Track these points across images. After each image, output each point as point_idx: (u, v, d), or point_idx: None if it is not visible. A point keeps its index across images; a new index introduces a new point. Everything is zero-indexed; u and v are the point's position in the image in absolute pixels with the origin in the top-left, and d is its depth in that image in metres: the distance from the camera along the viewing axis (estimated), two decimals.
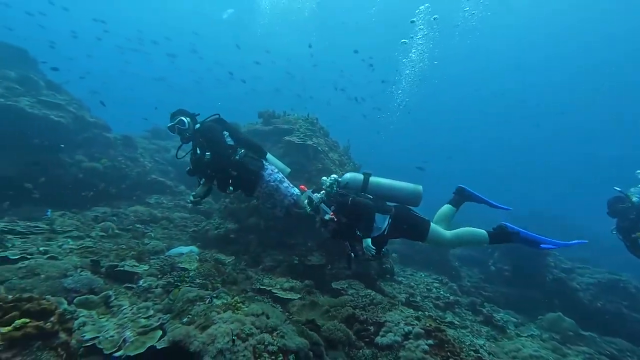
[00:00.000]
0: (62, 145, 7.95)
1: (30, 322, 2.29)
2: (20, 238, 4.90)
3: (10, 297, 2.52)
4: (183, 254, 5.11)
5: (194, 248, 5.30)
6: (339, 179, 3.89)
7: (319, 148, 6.70)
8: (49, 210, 6.44)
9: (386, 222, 3.60)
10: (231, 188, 4.23)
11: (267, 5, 28.44)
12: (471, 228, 3.67)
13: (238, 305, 3.11)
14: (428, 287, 7.89)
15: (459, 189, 4.00)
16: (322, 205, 3.74)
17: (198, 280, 4.24)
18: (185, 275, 4.20)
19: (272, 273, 5.43)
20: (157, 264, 4.65)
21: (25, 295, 2.60)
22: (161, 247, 5.31)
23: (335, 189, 3.80)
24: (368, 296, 4.76)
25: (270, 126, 7.47)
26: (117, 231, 6.30)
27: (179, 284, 4.07)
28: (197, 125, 4.26)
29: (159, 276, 4.34)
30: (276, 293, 4.36)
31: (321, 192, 3.80)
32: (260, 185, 4.23)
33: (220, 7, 37.59)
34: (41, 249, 4.61)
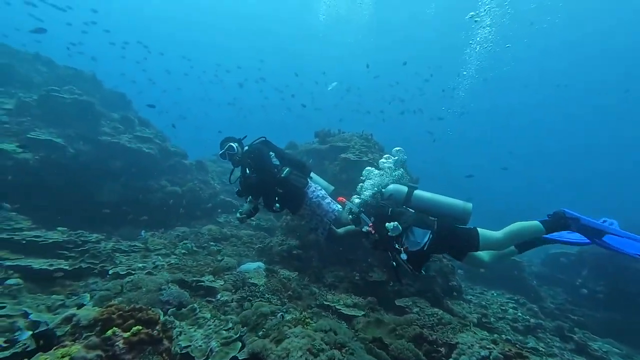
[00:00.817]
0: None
1: (142, 329, 2.75)
2: (125, 256, 5.82)
3: (127, 307, 3.06)
4: (252, 269, 5.54)
5: (260, 264, 5.70)
6: (383, 190, 3.88)
7: (375, 164, 6.77)
8: (143, 230, 7.52)
9: (426, 237, 3.45)
10: (277, 205, 4.42)
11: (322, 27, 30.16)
12: (521, 222, 3.30)
13: (307, 320, 3.29)
14: (503, 308, 7.22)
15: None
16: (363, 215, 3.77)
17: (267, 295, 4.56)
18: (256, 291, 4.55)
19: (334, 289, 5.57)
20: (231, 279, 5.11)
21: (137, 305, 3.12)
22: (233, 264, 5.81)
23: (377, 199, 3.82)
24: (435, 315, 4.59)
25: (326, 145, 7.78)
26: (195, 249, 7.09)
27: (251, 298, 4.43)
28: (245, 148, 4.57)
29: (233, 291, 4.78)
30: (340, 309, 4.46)
31: (357, 201, 3.87)
32: (305, 202, 4.40)
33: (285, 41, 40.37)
34: (140, 265, 5.42)
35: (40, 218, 6.61)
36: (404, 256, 3.34)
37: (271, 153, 4.59)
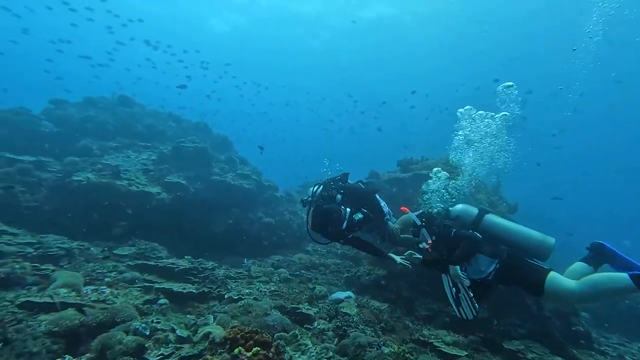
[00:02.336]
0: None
1: (260, 350, 3.21)
2: (234, 282, 6.73)
3: (247, 329, 3.61)
4: (342, 299, 5.76)
5: (350, 294, 5.88)
6: (450, 209, 3.67)
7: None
8: (245, 259, 8.56)
9: (492, 267, 3.17)
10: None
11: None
12: (606, 273, 2.76)
13: (407, 356, 3.32)
14: None
15: (597, 245, 3.14)
16: (424, 230, 3.58)
17: (361, 326, 4.69)
18: (350, 321, 4.73)
19: (428, 323, 5.35)
20: (325, 308, 5.42)
21: (254, 328, 3.65)
22: (324, 292, 6.15)
23: (440, 218, 3.62)
24: None
25: (409, 173, 7.78)
26: (289, 277, 7.72)
27: (346, 328, 4.63)
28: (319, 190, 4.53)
29: (328, 319, 5.05)
30: (439, 347, 4.28)
31: (418, 213, 3.72)
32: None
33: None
34: (247, 291, 6.20)
35: (172, 248, 8.19)
36: (466, 282, 3.11)
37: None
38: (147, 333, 4.18)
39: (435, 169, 4.36)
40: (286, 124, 47.16)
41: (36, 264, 5.24)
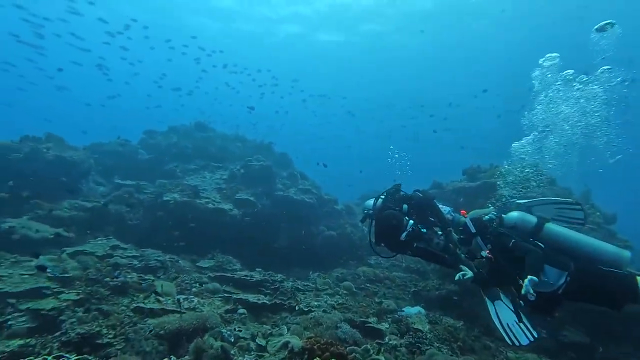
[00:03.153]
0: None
1: None
2: (302, 294, 7.00)
3: (322, 340, 3.77)
4: (412, 314, 5.60)
5: (420, 309, 5.70)
6: (503, 216, 3.34)
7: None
8: (311, 271, 8.84)
9: (562, 279, 2.82)
10: None
11: None
12: None
13: None
14: None
15: None
16: (479, 239, 3.29)
17: (437, 344, 4.52)
18: (423, 337, 4.59)
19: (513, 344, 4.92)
20: (393, 323, 5.34)
21: (329, 340, 3.79)
22: (393, 307, 6.05)
23: (493, 226, 3.31)
24: None
25: (477, 182, 7.34)
26: (354, 290, 7.76)
27: (420, 345, 4.51)
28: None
29: (399, 335, 4.97)
30: None
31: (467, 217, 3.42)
32: None
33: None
34: (316, 303, 6.41)
35: (243, 260, 8.87)
36: (531, 297, 2.73)
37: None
38: (232, 340, 4.62)
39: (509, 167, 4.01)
40: (345, 133, 47.94)
41: (141, 274, 6.17)
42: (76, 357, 2.90)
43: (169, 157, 11.47)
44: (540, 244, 3.12)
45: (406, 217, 3.96)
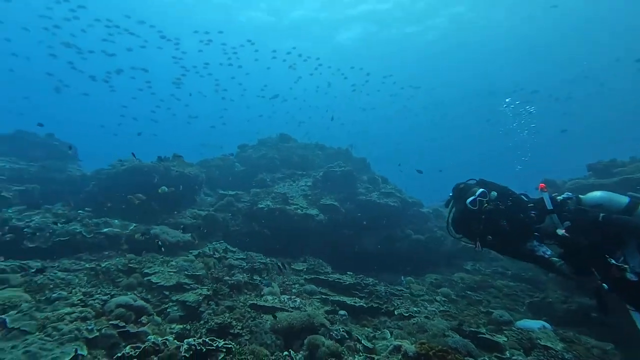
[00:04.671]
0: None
1: None
2: (398, 299, 6.88)
3: (438, 346, 3.64)
4: (534, 328, 4.98)
5: (545, 324, 5.03)
6: (581, 197, 3.07)
7: None
8: (402, 276, 8.62)
9: None
10: None
11: None
12: None
13: None
14: None
15: None
16: (555, 216, 2.99)
17: None
18: (556, 356, 4.05)
19: None
20: (513, 336, 4.83)
21: (444, 347, 3.64)
22: (507, 318, 5.48)
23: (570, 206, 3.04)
24: None
25: (613, 178, 6.16)
26: (453, 297, 7.29)
27: None
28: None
29: (522, 351, 4.47)
30: None
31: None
32: None
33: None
34: (414, 309, 6.22)
35: (331, 264, 9.13)
36: (630, 276, 2.40)
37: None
38: (340, 339, 4.79)
39: None
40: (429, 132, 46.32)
41: (249, 275, 6.88)
42: (223, 342, 3.39)
43: (260, 168, 12.60)
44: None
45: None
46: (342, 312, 5.86)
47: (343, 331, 5.08)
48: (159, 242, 6.50)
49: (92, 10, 22.37)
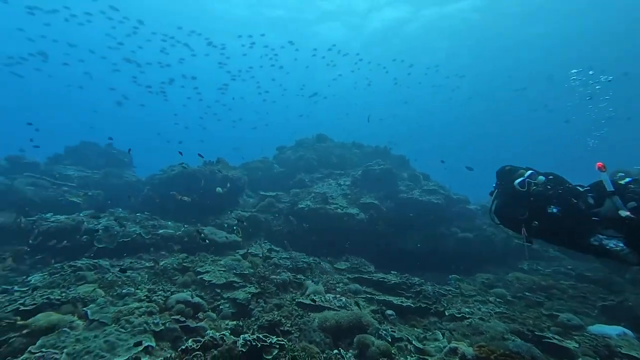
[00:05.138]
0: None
1: None
2: (447, 299, 6.56)
3: (499, 350, 3.40)
4: (611, 335, 4.47)
5: (625, 330, 4.49)
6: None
7: None
8: (450, 275, 8.22)
9: None
10: None
11: None
12: None
13: None
14: None
15: None
16: (616, 198, 2.80)
17: None
18: None
19: None
20: (586, 342, 4.37)
21: (506, 352, 3.38)
22: (577, 322, 4.98)
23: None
24: None
25: None
26: (509, 298, 6.79)
27: None
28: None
29: (597, 358, 4.03)
30: None
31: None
32: None
33: None
34: (466, 309, 5.89)
35: (373, 262, 8.96)
36: None
37: None
38: (389, 340, 4.67)
39: None
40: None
41: (294, 274, 6.99)
42: (276, 339, 3.46)
43: (298, 169, 12.77)
44: None
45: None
46: (389, 311, 5.72)
47: (391, 331, 4.96)
48: (206, 240, 6.86)
49: (149, 25, 24.05)
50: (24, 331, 2.92)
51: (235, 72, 25.10)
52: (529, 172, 3.59)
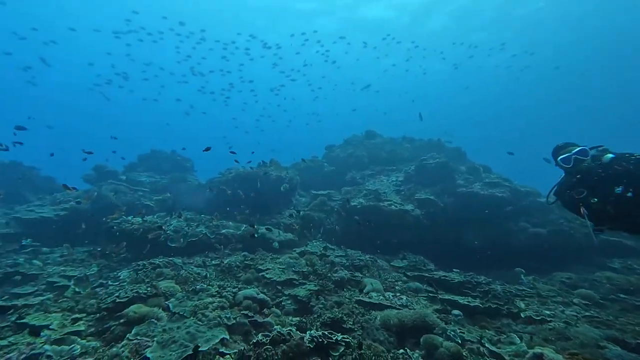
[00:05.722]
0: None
1: None
2: (520, 300, 5.97)
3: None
4: None
5: None
6: None
7: None
8: (522, 274, 7.48)
9: None
10: None
11: None
12: None
13: None
14: None
15: None
16: None
17: None
18: None
19: None
20: None
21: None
22: None
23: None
24: None
25: None
26: (599, 300, 5.95)
27: None
28: None
29: None
30: None
31: None
32: None
33: None
34: (547, 312, 5.30)
35: (431, 260, 8.53)
36: None
37: None
38: (459, 341, 4.39)
39: None
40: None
41: (351, 272, 6.95)
42: (342, 336, 3.46)
43: (348, 166, 12.71)
44: None
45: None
46: (456, 311, 5.39)
47: (460, 332, 4.66)
48: (255, 234, 7.17)
49: (211, 33, 25.76)
50: (121, 320, 3.34)
51: (288, 71, 25.77)
52: (579, 148, 3.48)
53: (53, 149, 12.27)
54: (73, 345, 2.87)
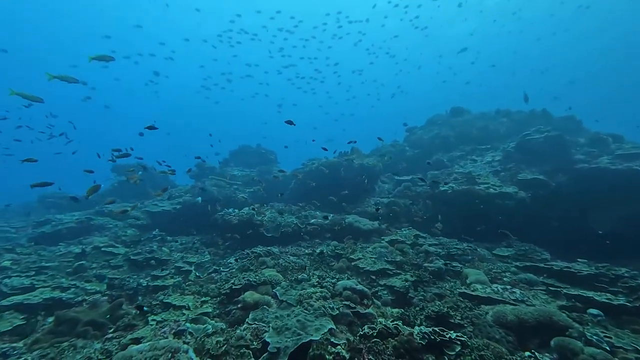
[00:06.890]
0: None
1: None
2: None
3: None
4: None
5: None
6: None
7: None
8: None
9: None
10: None
11: None
12: None
13: None
14: None
15: None
16: None
17: None
18: None
19: None
20: None
21: None
22: None
23: None
24: None
25: None
26: None
27: None
28: None
29: None
30: None
31: None
32: None
33: None
34: None
35: (549, 249, 7.27)
36: None
37: None
38: (607, 348, 3.61)
39: None
40: None
41: (448, 262, 6.42)
42: (455, 333, 3.16)
43: (433, 148, 11.78)
44: None
45: None
46: (593, 310, 4.49)
47: (605, 336, 3.85)
48: (342, 223, 7.10)
49: (308, 23, 26.90)
50: (239, 305, 3.70)
51: (372, 49, 25.56)
52: None
53: (166, 147, 14.53)
54: (206, 325, 3.30)
